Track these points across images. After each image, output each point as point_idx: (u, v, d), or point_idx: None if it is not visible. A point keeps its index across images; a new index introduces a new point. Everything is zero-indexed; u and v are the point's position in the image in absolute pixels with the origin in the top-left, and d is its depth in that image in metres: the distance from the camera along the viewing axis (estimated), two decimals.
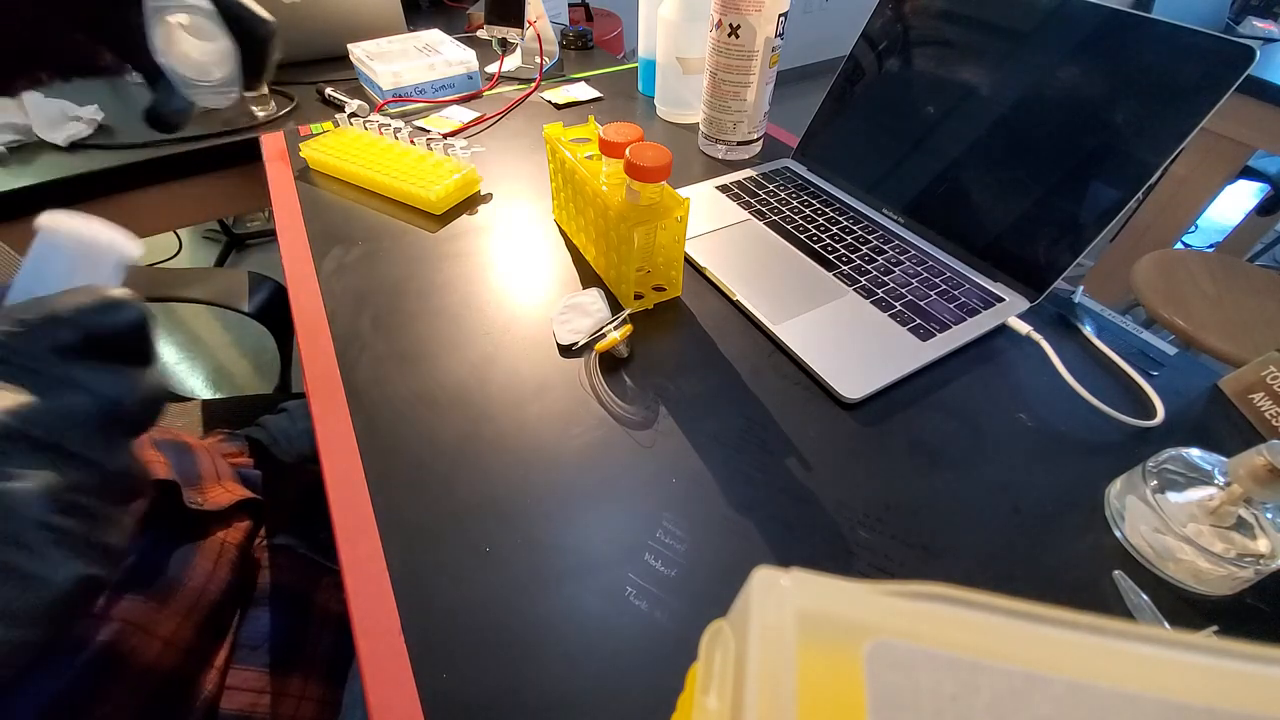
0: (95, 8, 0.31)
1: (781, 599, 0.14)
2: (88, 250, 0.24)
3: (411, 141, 0.73)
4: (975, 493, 0.41)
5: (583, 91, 0.95)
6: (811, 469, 0.43)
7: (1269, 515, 0.35)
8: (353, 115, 0.78)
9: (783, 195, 0.69)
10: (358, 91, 0.96)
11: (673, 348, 0.48)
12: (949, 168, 0.60)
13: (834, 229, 0.64)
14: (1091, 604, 0.36)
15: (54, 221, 0.23)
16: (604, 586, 0.36)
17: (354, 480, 0.42)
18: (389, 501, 0.40)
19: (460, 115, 0.86)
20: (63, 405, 0.20)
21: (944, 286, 0.56)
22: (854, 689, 0.12)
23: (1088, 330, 0.53)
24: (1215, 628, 0.35)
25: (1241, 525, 0.35)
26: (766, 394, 0.48)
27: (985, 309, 0.54)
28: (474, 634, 0.34)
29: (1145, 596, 0.36)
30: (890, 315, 0.53)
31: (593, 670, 0.33)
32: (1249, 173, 1.43)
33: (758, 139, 0.78)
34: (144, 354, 0.24)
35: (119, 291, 0.23)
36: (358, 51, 0.94)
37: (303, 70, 1.05)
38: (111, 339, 0.22)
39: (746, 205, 0.67)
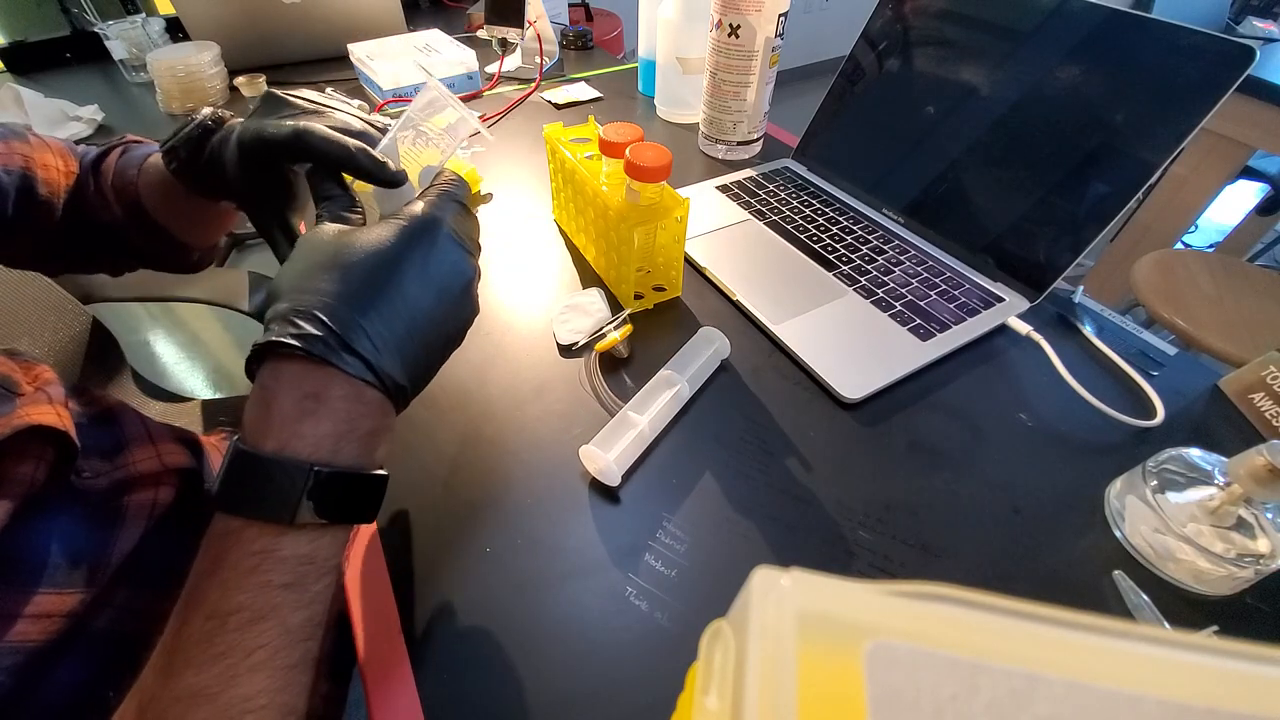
0: None
1: (781, 599, 0.14)
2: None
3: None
4: (975, 493, 0.41)
5: (583, 91, 0.95)
6: (811, 469, 0.43)
7: (1269, 515, 0.35)
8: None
9: (783, 195, 0.69)
10: (358, 91, 0.96)
11: (673, 348, 0.48)
12: (949, 168, 0.60)
13: (834, 229, 0.64)
14: (1091, 604, 0.36)
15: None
16: (604, 587, 0.36)
17: None
18: (389, 502, 0.40)
19: None
20: None
21: (944, 286, 0.56)
22: (854, 689, 0.12)
23: (1088, 330, 0.53)
24: (1215, 628, 0.35)
25: (1241, 525, 0.35)
26: (766, 394, 0.48)
27: (985, 309, 0.54)
28: (474, 634, 0.34)
29: (1145, 596, 0.36)
30: (890, 315, 0.53)
31: (593, 670, 0.33)
32: (1249, 173, 1.43)
33: (758, 139, 0.78)
34: None
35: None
36: (358, 51, 0.94)
37: (303, 70, 1.05)
38: None
39: (746, 205, 0.67)
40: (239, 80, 0.93)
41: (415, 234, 0.28)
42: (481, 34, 1.04)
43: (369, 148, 0.31)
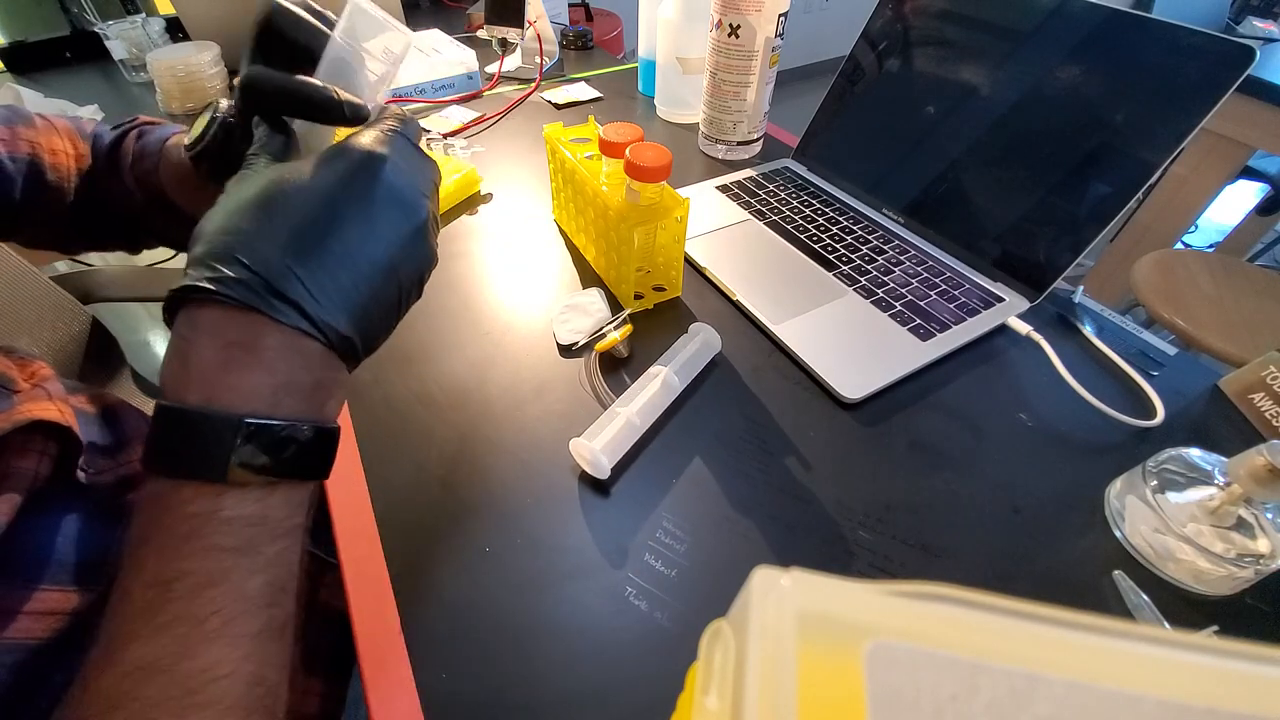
0: None
1: (781, 599, 0.14)
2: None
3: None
4: (975, 493, 0.41)
5: (583, 91, 0.95)
6: (811, 469, 0.43)
7: (1269, 515, 0.35)
8: None
9: (783, 195, 0.69)
10: None
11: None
12: (949, 168, 0.60)
13: (834, 229, 0.64)
14: (1091, 604, 0.36)
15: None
16: (604, 586, 0.36)
17: (354, 480, 0.42)
18: (389, 501, 0.40)
19: (460, 115, 0.86)
20: None
21: (944, 286, 0.56)
22: (854, 689, 0.12)
23: (1088, 330, 0.53)
24: (1215, 628, 0.35)
25: (1241, 525, 0.35)
26: (766, 394, 0.48)
27: (985, 309, 0.54)
28: (474, 634, 0.34)
29: (1145, 596, 0.36)
30: (890, 315, 0.53)
31: (593, 670, 0.33)
32: (1249, 173, 1.43)
33: (758, 139, 0.78)
34: None
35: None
36: None
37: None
38: None
39: (746, 205, 0.67)
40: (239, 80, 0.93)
41: (356, 169, 0.25)
42: (481, 34, 1.04)
43: (324, 86, 0.28)
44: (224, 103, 0.36)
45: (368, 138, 0.27)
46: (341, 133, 0.29)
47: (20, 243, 0.43)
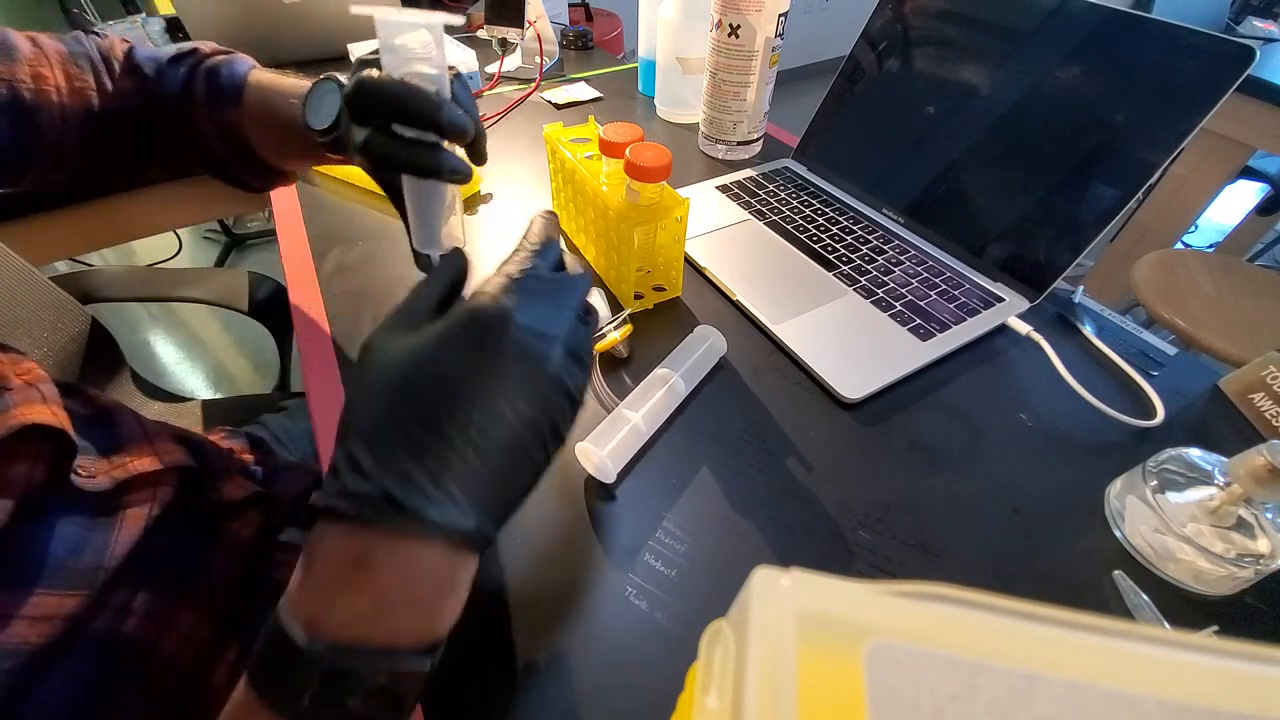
0: None
1: (781, 599, 0.14)
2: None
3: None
4: (975, 493, 0.41)
5: (583, 91, 0.95)
6: (811, 469, 0.43)
7: (1269, 515, 0.35)
8: None
9: (783, 195, 0.69)
10: None
11: (673, 348, 0.48)
12: (949, 168, 0.60)
13: (834, 229, 0.64)
14: (1091, 604, 0.36)
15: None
16: (604, 587, 0.36)
17: None
18: None
19: None
20: None
21: (944, 286, 0.56)
22: (854, 689, 0.12)
23: (1088, 330, 0.53)
24: (1215, 628, 0.35)
25: (1241, 525, 0.35)
26: (766, 394, 0.48)
27: (985, 309, 0.54)
28: (473, 634, 0.34)
29: (1145, 596, 0.36)
30: (890, 315, 0.53)
31: (593, 670, 0.33)
32: (1249, 173, 1.43)
33: (758, 139, 0.78)
34: None
35: None
36: (358, 52, 0.94)
37: (302, 70, 1.05)
38: None
39: (746, 205, 0.67)
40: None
41: (477, 337, 0.23)
42: (481, 34, 1.04)
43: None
44: (341, 77, 0.37)
45: (489, 291, 0.25)
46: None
47: (29, 187, 0.43)
